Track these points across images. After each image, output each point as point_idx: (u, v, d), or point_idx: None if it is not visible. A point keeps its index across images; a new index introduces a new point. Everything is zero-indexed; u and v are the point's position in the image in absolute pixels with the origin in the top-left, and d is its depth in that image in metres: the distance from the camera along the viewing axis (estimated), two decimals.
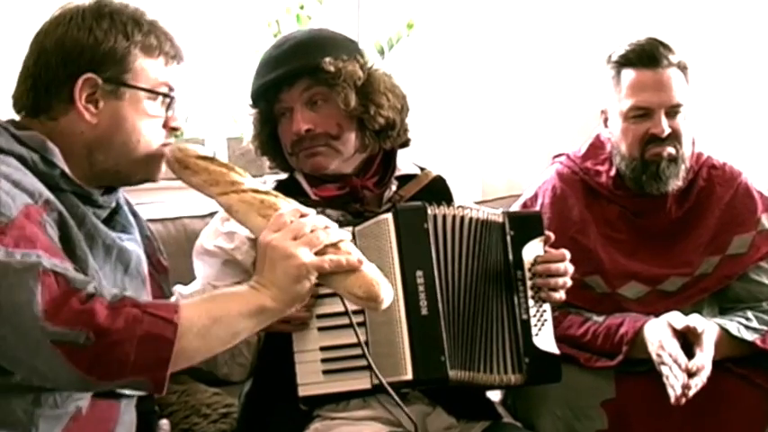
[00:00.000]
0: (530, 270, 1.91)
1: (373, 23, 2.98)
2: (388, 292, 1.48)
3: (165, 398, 1.87)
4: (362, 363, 1.78)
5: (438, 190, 2.07)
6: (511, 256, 1.90)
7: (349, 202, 1.99)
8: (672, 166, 2.24)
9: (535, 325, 1.91)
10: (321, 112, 1.95)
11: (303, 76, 1.94)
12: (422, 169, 2.12)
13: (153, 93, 1.60)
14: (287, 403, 1.86)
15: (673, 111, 2.22)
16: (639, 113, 2.23)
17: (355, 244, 1.84)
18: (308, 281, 1.45)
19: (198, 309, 1.44)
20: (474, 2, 3.04)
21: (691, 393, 2.02)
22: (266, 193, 1.54)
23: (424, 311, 1.81)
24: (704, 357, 2.07)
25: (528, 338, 1.89)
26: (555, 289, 1.92)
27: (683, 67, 2.25)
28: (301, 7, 2.79)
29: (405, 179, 2.07)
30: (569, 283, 1.95)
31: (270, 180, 2.18)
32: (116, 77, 1.58)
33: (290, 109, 1.96)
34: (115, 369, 1.36)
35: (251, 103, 2.04)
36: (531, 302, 1.91)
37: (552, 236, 1.96)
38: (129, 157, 1.60)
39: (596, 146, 2.39)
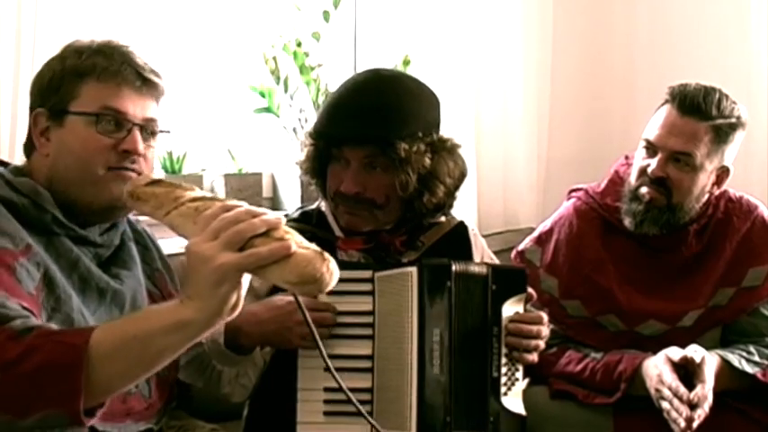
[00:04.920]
0: (506, 328, 1.87)
1: (370, 59, 2.99)
2: (329, 267, 1.26)
3: None
4: (365, 409, 1.77)
5: (458, 237, 2.06)
6: (490, 311, 1.86)
7: (374, 249, 1.98)
8: (652, 211, 2.21)
9: (505, 384, 1.86)
10: (376, 178, 1.91)
11: (372, 144, 1.90)
12: (445, 214, 2.09)
13: (90, 115, 1.60)
14: None
15: (676, 157, 2.18)
16: (648, 147, 2.23)
17: (373, 288, 1.84)
18: (228, 283, 1.27)
19: (113, 328, 1.36)
20: (470, 38, 3.06)
21: (695, 425, 2.01)
22: (203, 198, 1.39)
23: (436, 370, 1.78)
24: (705, 387, 2.06)
25: (496, 397, 1.85)
26: (527, 350, 1.88)
27: (726, 128, 2.18)
28: (298, 44, 2.79)
29: (428, 225, 2.05)
30: (542, 345, 1.92)
31: (291, 210, 2.17)
32: (57, 106, 1.61)
33: (348, 162, 1.93)
34: (25, 402, 1.31)
35: (311, 131, 1.99)
36: (503, 360, 1.86)
37: (534, 294, 1.93)
38: (77, 184, 1.61)
39: (615, 182, 2.35)
